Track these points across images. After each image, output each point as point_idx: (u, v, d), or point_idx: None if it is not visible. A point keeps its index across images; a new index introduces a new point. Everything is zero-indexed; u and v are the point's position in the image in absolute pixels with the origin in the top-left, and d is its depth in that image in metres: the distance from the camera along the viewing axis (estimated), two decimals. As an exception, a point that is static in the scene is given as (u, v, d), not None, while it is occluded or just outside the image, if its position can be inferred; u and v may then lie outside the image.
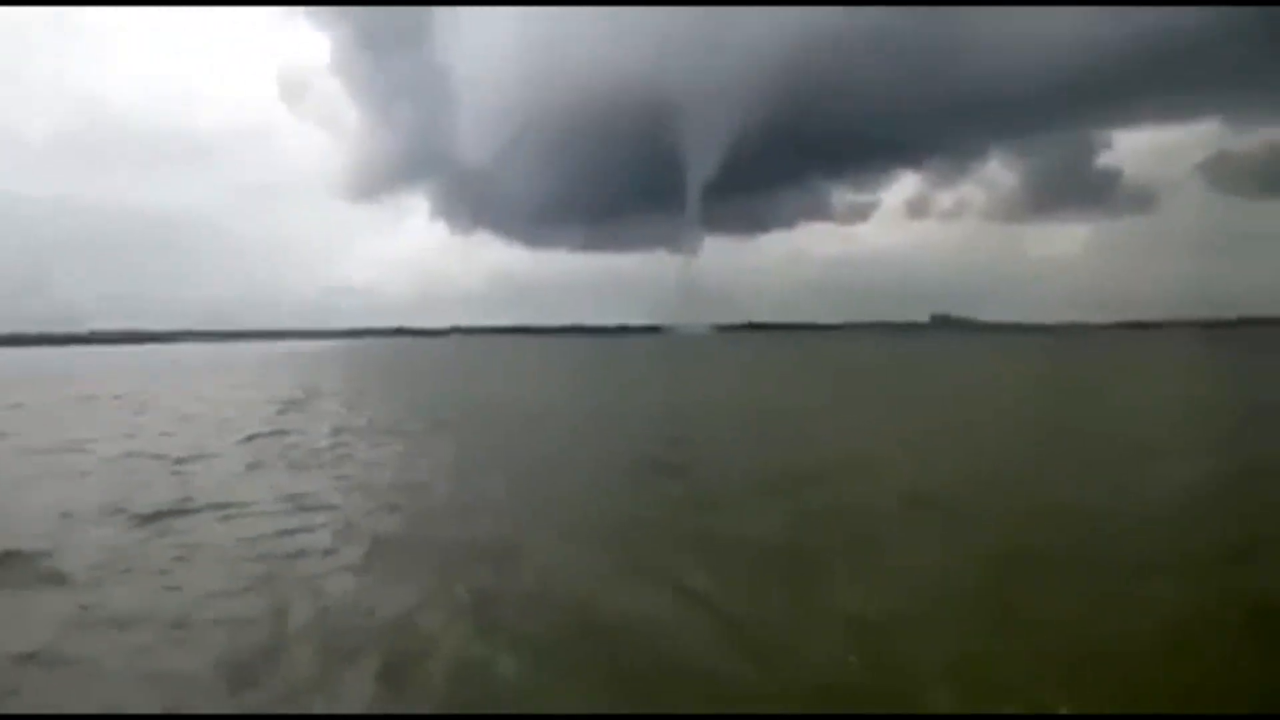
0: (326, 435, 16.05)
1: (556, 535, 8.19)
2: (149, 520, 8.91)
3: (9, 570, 7.16)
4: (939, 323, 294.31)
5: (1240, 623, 5.53)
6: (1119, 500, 9.26)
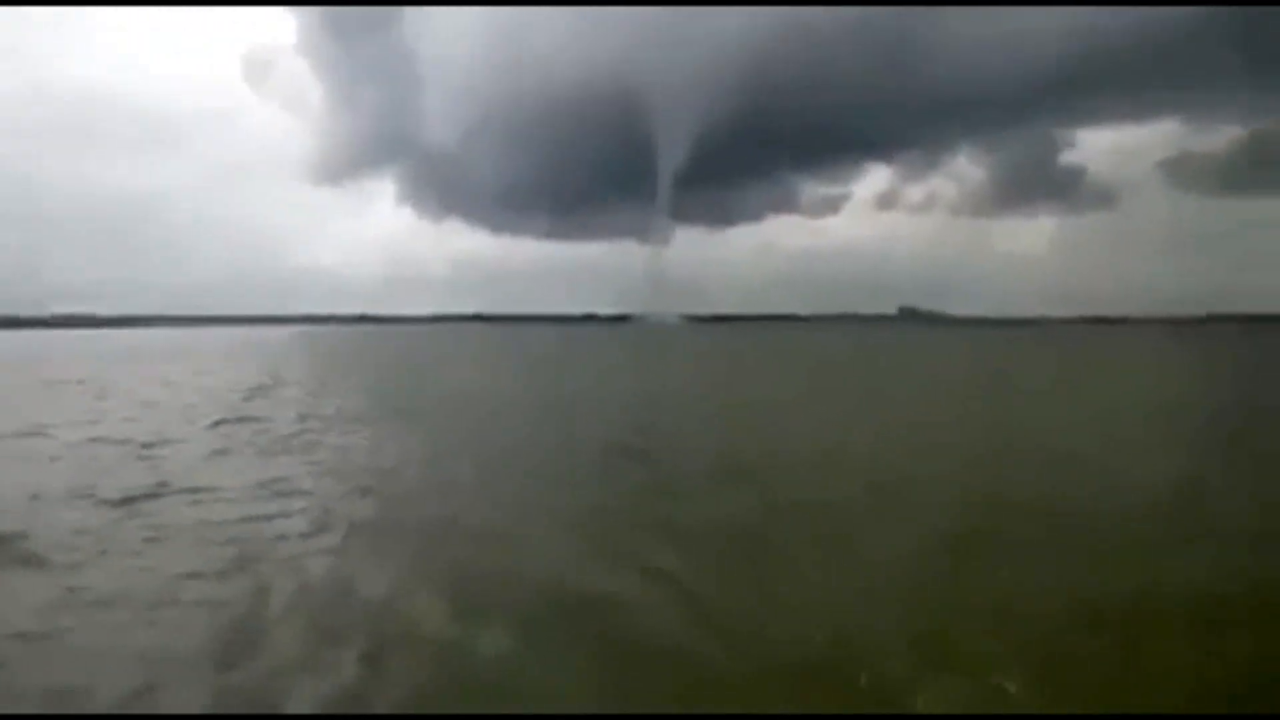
0: (293, 422, 16.10)
1: (528, 520, 8.54)
2: (120, 504, 8.98)
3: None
4: (907, 315, 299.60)
5: (1183, 611, 5.89)
6: (1071, 489, 9.87)
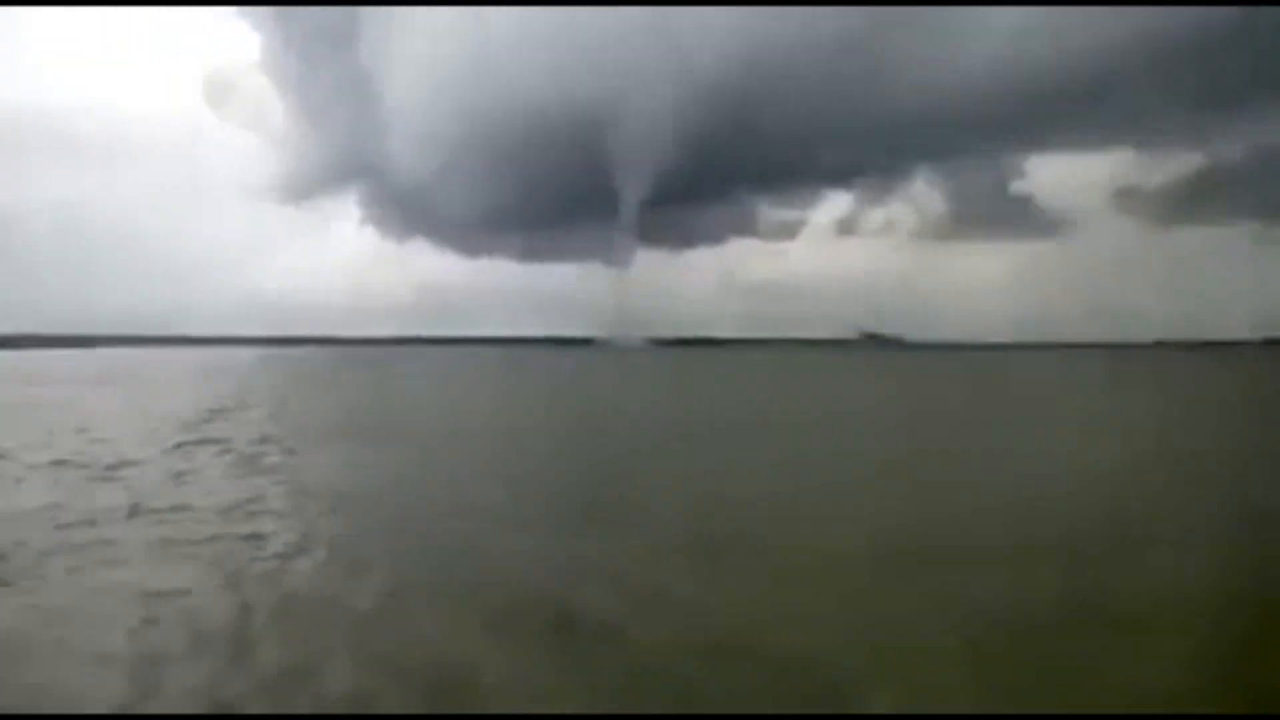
0: (254, 443, 16.62)
1: (498, 528, 9.46)
2: (89, 524, 9.38)
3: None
4: (866, 340, 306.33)
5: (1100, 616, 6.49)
6: (1010, 505, 11.05)
